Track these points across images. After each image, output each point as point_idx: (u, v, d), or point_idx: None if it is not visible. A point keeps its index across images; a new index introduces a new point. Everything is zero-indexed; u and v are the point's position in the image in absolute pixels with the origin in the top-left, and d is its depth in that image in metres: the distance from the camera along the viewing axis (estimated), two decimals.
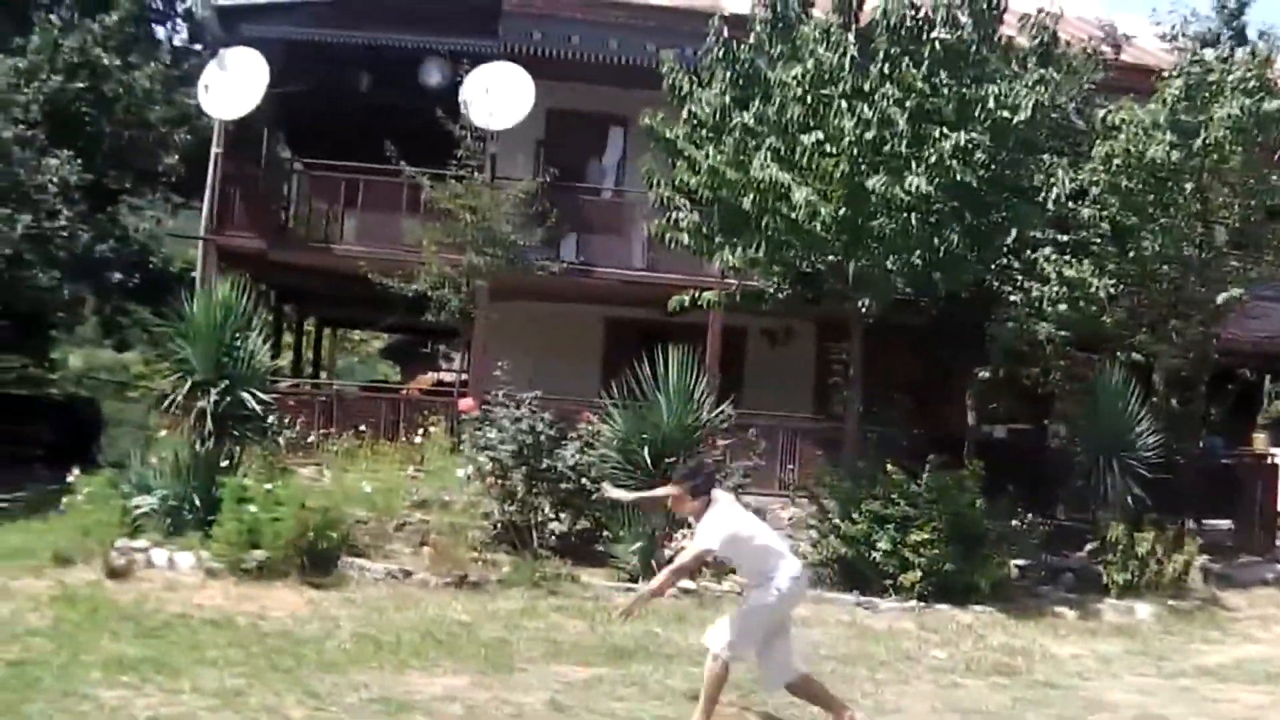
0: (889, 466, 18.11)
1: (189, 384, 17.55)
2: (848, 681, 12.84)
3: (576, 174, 25.46)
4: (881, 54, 18.37)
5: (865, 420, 20.56)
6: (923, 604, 17.07)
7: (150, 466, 18.38)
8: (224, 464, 17.67)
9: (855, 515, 17.73)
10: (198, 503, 17.10)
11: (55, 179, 24.74)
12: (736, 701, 11.55)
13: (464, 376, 26.21)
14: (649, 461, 17.66)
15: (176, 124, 29.16)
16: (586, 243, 24.71)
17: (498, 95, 23.17)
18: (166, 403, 18.13)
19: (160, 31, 36.20)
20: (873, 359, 20.57)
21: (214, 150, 24.81)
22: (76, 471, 19.32)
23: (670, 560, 11.54)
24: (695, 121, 19.23)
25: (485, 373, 20.94)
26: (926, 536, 17.25)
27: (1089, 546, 19.63)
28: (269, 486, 16.60)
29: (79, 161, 25.23)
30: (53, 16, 29.28)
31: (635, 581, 17.10)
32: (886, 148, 17.90)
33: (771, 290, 20.45)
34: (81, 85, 27.44)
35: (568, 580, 16.92)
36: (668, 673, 12.84)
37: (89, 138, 27.64)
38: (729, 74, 19.02)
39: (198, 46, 33.10)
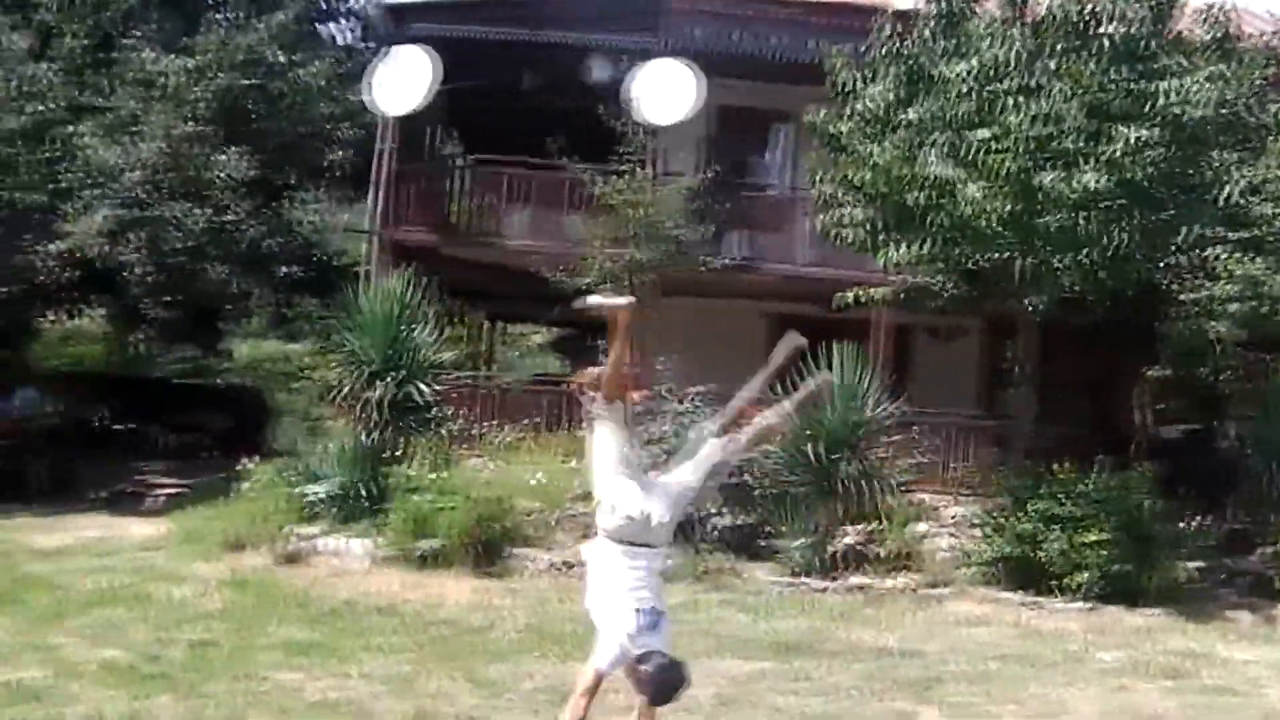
0: (1057, 466, 17.90)
1: (359, 375, 17.82)
2: (1015, 682, 12.70)
3: (740, 170, 25.45)
4: (1050, 49, 18.16)
5: (1032, 419, 20.33)
6: (1091, 605, 16.84)
7: (320, 455, 18.69)
8: (392, 454, 17.90)
9: (1023, 514, 17.54)
10: (366, 491, 17.36)
11: (226, 175, 25.15)
12: None
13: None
14: (815, 457, 17.62)
15: (343, 120, 29.48)
16: (750, 239, 24.66)
17: (662, 92, 23.20)
18: (336, 393, 18.42)
19: (327, 30, 36.70)
20: (1040, 357, 20.35)
21: (381, 146, 25.13)
22: (247, 460, 19.74)
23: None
24: (861, 118, 19.13)
25: (649, 367, 20.98)
26: (1097, 537, 17.00)
27: (1263, 550, 19.21)
28: (438, 476, 16.81)
29: (249, 157, 25.61)
30: (222, 16, 29.79)
31: (800, 576, 17.11)
32: (1056, 144, 17.66)
33: (939, 288, 20.28)
34: (251, 83, 27.84)
35: (731, 574, 16.97)
36: (831, 668, 12.80)
37: (258, 134, 28.00)
38: (896, 70, 18.89)
39: (364, 45, 33.53)
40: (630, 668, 7.90)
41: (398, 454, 18.02)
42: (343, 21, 37.10)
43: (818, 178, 19.68)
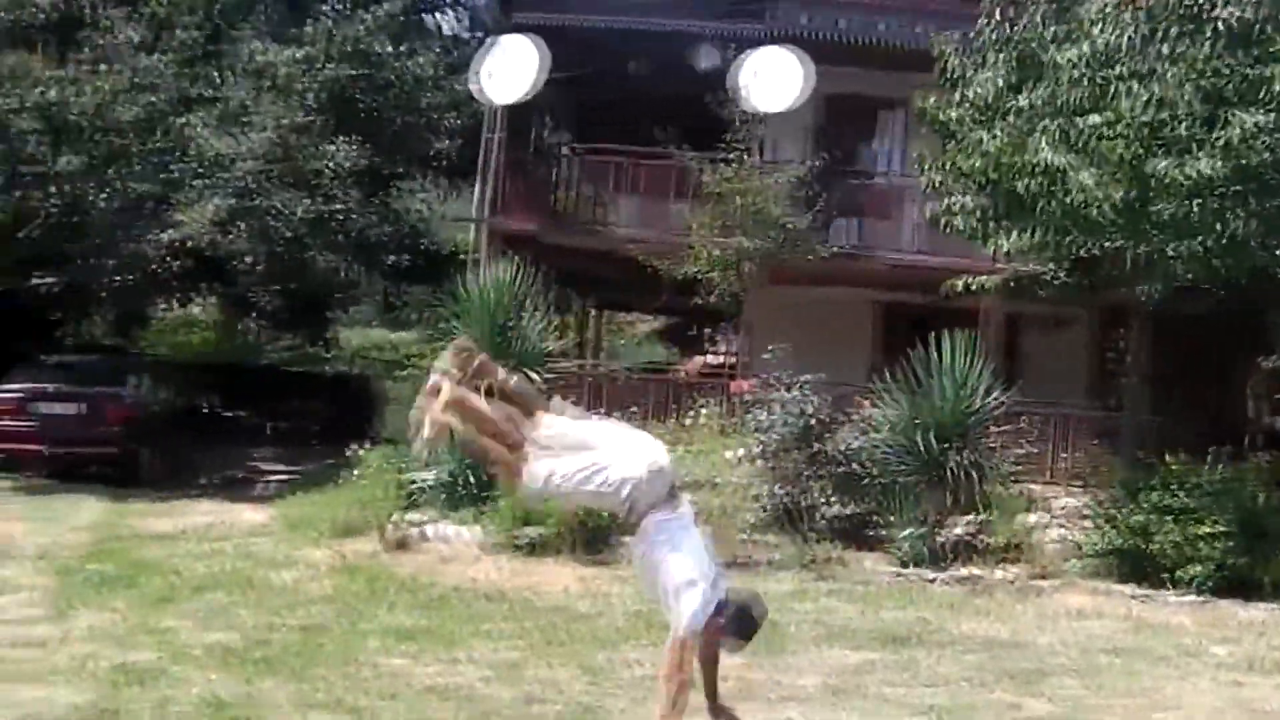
0: (1170, 457, 17.66)
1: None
2: (1126, 676, 12.52)
3: (847, 158, 25.34)
4: (1164, 33, 17.87)
5: (1143, 410, 20.08)
6: (1204, 599, 16.58)
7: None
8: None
9: (1134, 506, 17.30)
10: (473, 479, 17.40)
11: (333, 164, 25.36)
12: None
13: (734, 360, 26.27)
14: (925, 447, 17.50)
15: (450, 110, 29.64)
16: (858, 227, 24.60)
17: (770, 79, 23.10)
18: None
19: (434, 20, 36.93)
20: (1150, 347, 20.09)
21: (487, 135, 25.23)
22: (356, 446, 19.88)
23: None
24: (971, 104, 18.94)
25: (756, 356, 20.94)
26: (1211, 530, 16.73)
27: None
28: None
29: (356, 147, 25.81)
30: (329, 7, 30.05)
31: (908, 567, 17.01)
32: (1169, 130, 17.38)
33: (1049, 276, 20.06)
34: (358, 73, 28.06)
35: (839, 564, 16.88)
36: (940, 659, 12.68)
37: (364, 124, 28.23)
38: (1005, 56, 18.67)
39: (471, 35, 33.69)
40: (709, 623, 7.67)
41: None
42: (449, 11, 37.35)
43: (926, 165, 19.50)
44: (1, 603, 13.45)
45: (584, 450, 7.64)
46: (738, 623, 7.79)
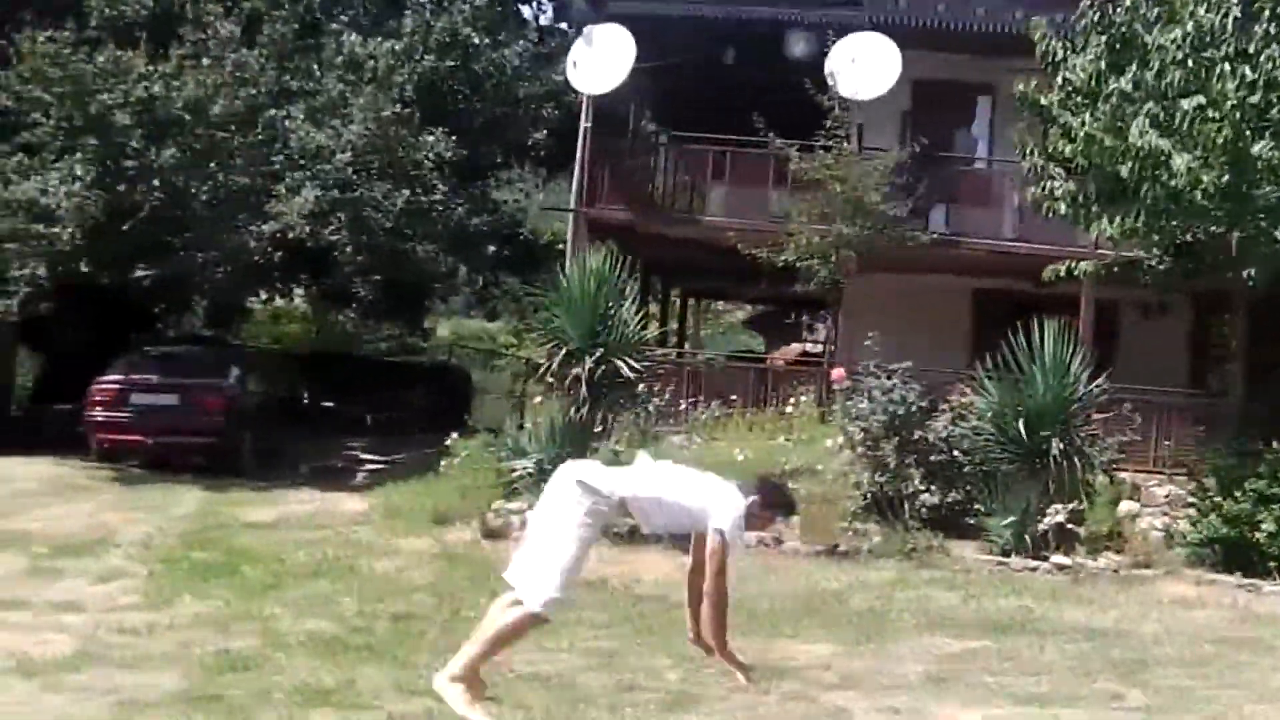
0: (1274, 444, 17.42)
1: (564, 352, 17.94)
2: (1231, 667, 12.37)
3: (943, 143, 25.10)
4: (1267, 13, 17.60)
5: (1243, 396, 19.82)
6: None
7: (524, 431, 18.85)
8: (596, 430, 17.99)
9: (1238, 494, 17.09)
10: None
11: (430, 155, 25.48)
12: None
13: (829, 347, 26.20)
14: (1023, 435, 17.37)
15: (543, 100, 29.73)
16: (955, 213, 24.41)
17: (864, 66, 23.03)
18: (541, 370, 18.57)
19: (526, 11, 37.12)
20: (1251, 333, 19.82)
21: (582, 125, 25.28)
22: (454, 435, 19.98)
23: None
24: (1069, 88, 18.74)
25: (853, 343, 20.87)
26: None
27: None
28: (641, 452, 16.84)
29: (452, 138, 25.93)
30: None
31: (1007, 555, 16.90)
32: (1273, 112, 17.15)
33: (1148, 261, 19.83)
34: (453, 64, 28.19)
35: (938, 552, 16.83)
36: (1042, 648, 12.60)
37: (460, 115, 28.37)
38: (1103, 39, 18.46)
39: (563, 25, 33.74)
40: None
41: (601, 430, 18.09)
42: (541, 2, 37.42)
43: (1025, 150, 19.33)
44: (105, 590, 13.61)
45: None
46: (770, 494, 8.40)
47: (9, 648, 10.68)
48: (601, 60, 24.22)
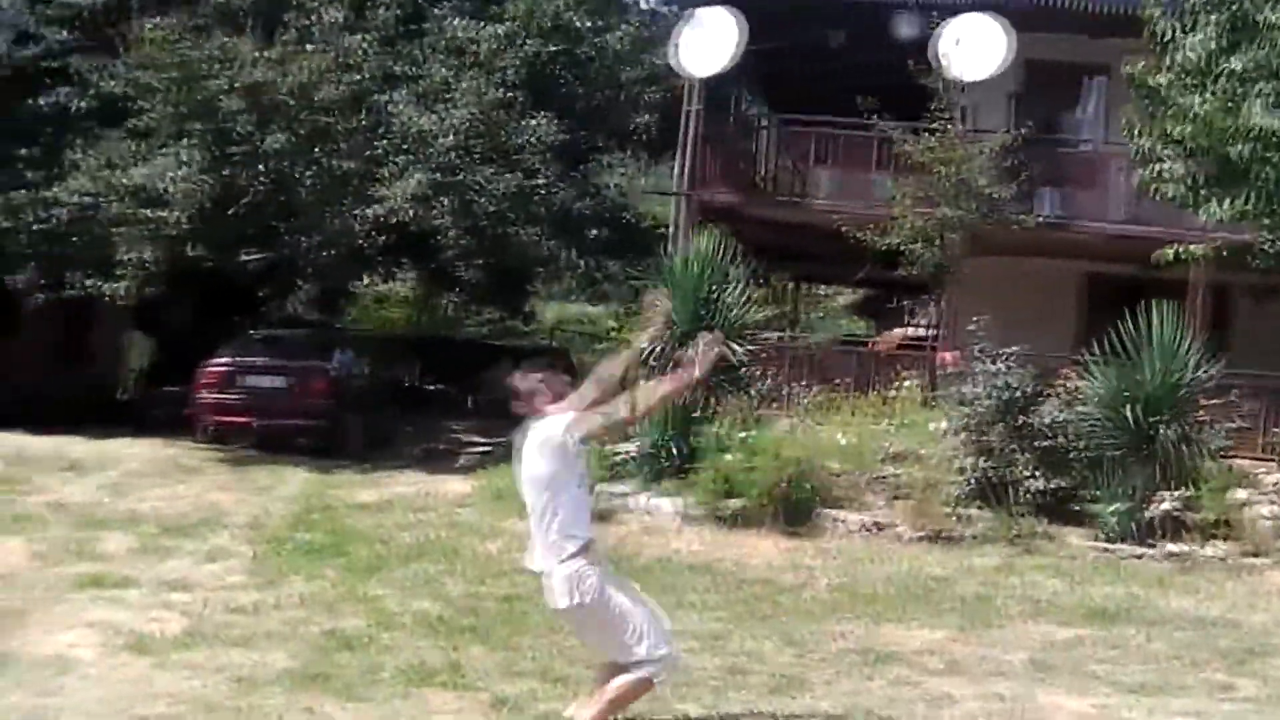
0: None
1: (670, 336, 17.93)
2: None
3: (1051, 126, 24.86)
4: None
5: None
6: None
7: None
8: (702, 414, 17.98)
9: None
10: (677, 450, 17.47)
11: (534, 139, 25.53)
12: None
13: (934, 332, 26.03)
14: (1133, 420, 17.14)
15: (646, 84, 29.68)
16: (1063, 196, 24.11)
17: (971, 47, 22.80)
18: (647, 354, 18.57)
19: None
20: None
21: (686, 108, 25.20)
22: None
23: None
24: (1181, 69, 18.45)
25: (958, 328, 20.71)
26: None
27: None
28: (747, 436, 16.86)
29: (555, 122, 25.97)
30: None
31: (1114, 542, 16.71)
32: None
33: (1262, 244, 19.50)
34: (557, 48, 28.22)
35: (1044, 538, 16.66)
36: (1150, 636, 12.45)
37: (564, 99, 28.39)
38: (1217, 17, 18.14)
39: (667, 7, 33.65)
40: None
41: (707, 413, 18.08)
42: None
43: (1135, 132, 19.05)
44: (214, 570, 13.76)
45: None
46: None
47: (121, 625, 10.83)
48: (708, 43, 24.12)
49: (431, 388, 34.56)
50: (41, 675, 9.32)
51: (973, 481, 17.52)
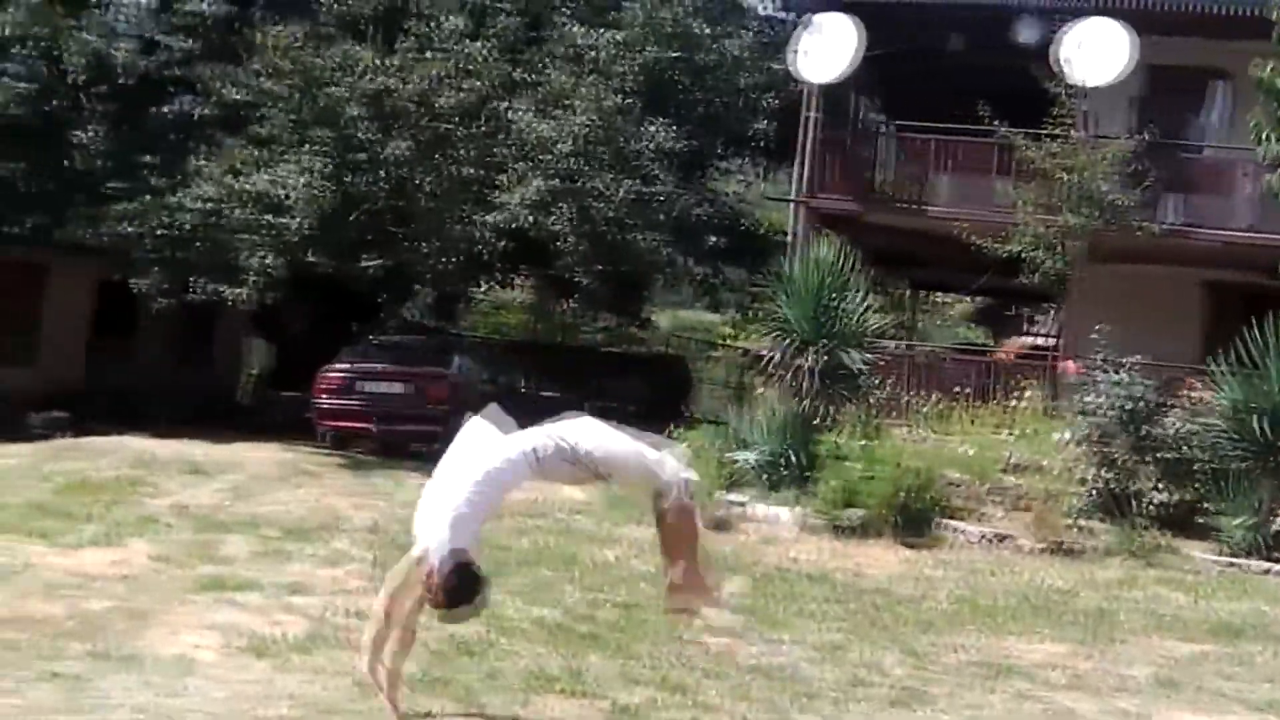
0: None
1: (789, 343, 17.92)
2: None
3: (1174, 131, 24.51)
4: None
5: None
6: None
7: (749, 423, 18.83)
8: (821, 422, 17.92)
9: None
10: (795, 459, 17.42)
11: (653, 145, 25.57)
12: None
13: (1055, 340, 25.78)
14: (1259, 432, 16.85)
15: (764, 90, 29.65)
16: (1186, 203, 23.81)
17: (1093, 51, 22.57)
18: (766, 361, 18.56)
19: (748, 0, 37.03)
20: None
21: (805, 114, 25.16)
22: (675, 427, 20.02)
23: None
24: None
25: (1079, 336, 20.48)
26: None
27: None
28: (866, 445, 16.78)
29: (673, 128, 26.00)
30: None
31: (1239, 556, 16.43)
32: None
33: None
34: (676, 55, 28.25)
35: (1167, 552, 16.42)
36: (1276, 653, 12.23)
37: (682, 105, 28.44)
38: None
39: (785, 14, 33.58)
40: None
41: (826, 422, 18.01)
42: None
43: (1262, 136, 18.75)
44: (334, 574, 13.83)
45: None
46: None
47: (243, 628, 10.91)
48: (827, 49, 24.12)
49: (547, 394, 34.65)
50: (167, 675, 9.40)
51: (1094, 493, 17.31)
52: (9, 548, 13.71)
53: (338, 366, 24.47)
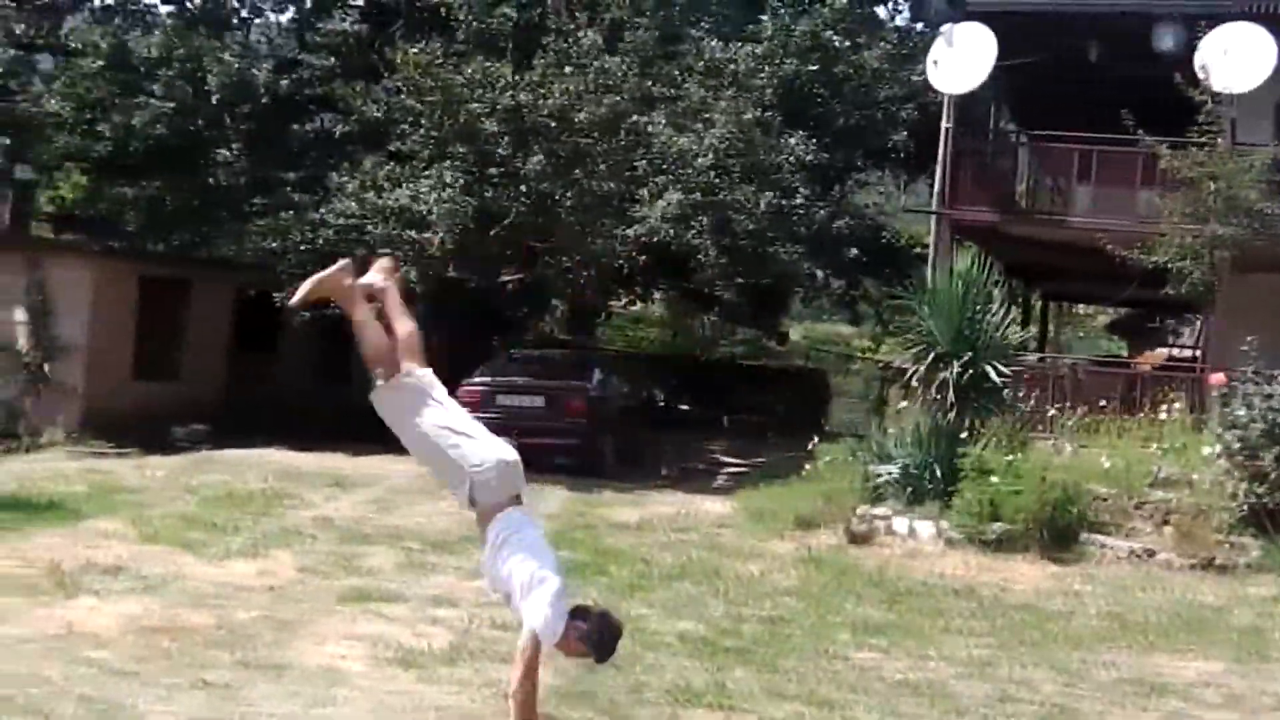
0: None
1: (931, 356, 17.80)
2: None
3: None
4: None
5: None
6: None
7: (890, 436, 18.74)
8: (963, 435, 17.78)
9: None
10: (938, 473, 17.29)
11: (791, 158, 25.54)
12: None
13: (1194, 351, 25.39)
14: None
15: (902, 102, 29.55)
16: None
17: (1237, 57, 22.22)
18: (908, 374, 18.46)
19: (882, 11, 36.99)
20: None
21: (943, 125, 25.03)
22: (815, 440, 19.98)
23: None
24: None
25: (1225, 348, 20.14)
26: None
27: None
28: (1010, 459, 16.62)
29: (812, 141, 25.97)
30: (782, 2, 30.23)
31: None
32: None
33: None
34: (813, 68, 28.23)
35: None
36: None
37: (820, 118, 28.43)
38: None
39: (920, 25, 33.45)
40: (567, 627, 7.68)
41: (968, 435, 17.86)
42: (898, 2, 37.23)
43: None
44: (476, 586, 13.79)
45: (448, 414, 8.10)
46: (600, 627, 7.84)
47: (388, 639, 11.02)
48: (962, 59, 24.00)
49: (685, 407, 34.70)
50: (314, 686, 9.52)
51: (1245, 508, 16.96)
52: (159, 558, 13.98)
53: (477, 380, 24.60)
